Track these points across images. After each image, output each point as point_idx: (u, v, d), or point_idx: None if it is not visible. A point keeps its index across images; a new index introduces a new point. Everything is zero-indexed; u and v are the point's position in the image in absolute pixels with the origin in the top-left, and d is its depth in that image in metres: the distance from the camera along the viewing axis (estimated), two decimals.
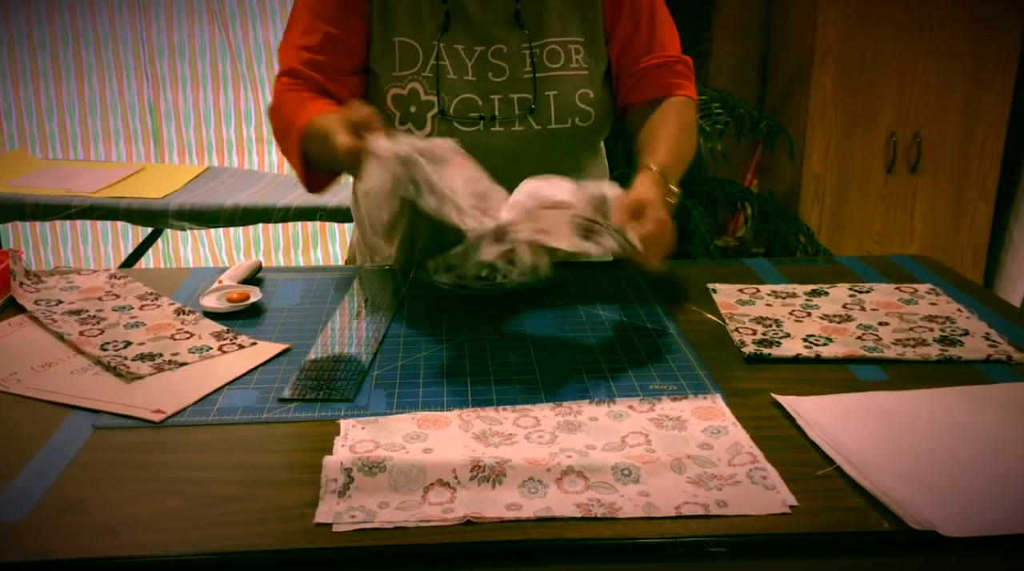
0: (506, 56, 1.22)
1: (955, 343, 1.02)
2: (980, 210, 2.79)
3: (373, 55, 1.23)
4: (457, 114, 1.22)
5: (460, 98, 1.22)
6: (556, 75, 1.23)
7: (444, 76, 1.21)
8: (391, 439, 0.82)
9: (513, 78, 1.22)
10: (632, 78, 1.27)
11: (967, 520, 0.69)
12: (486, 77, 1.22)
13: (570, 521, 0.70)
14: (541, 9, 1.22)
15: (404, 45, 1.21)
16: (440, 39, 1.20)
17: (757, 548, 0.69)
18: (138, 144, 3.04)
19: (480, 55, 1.21)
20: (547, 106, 1.22)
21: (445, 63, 1.21)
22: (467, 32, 1.21)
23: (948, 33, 2.62)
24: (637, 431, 0.84)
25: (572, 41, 1.23)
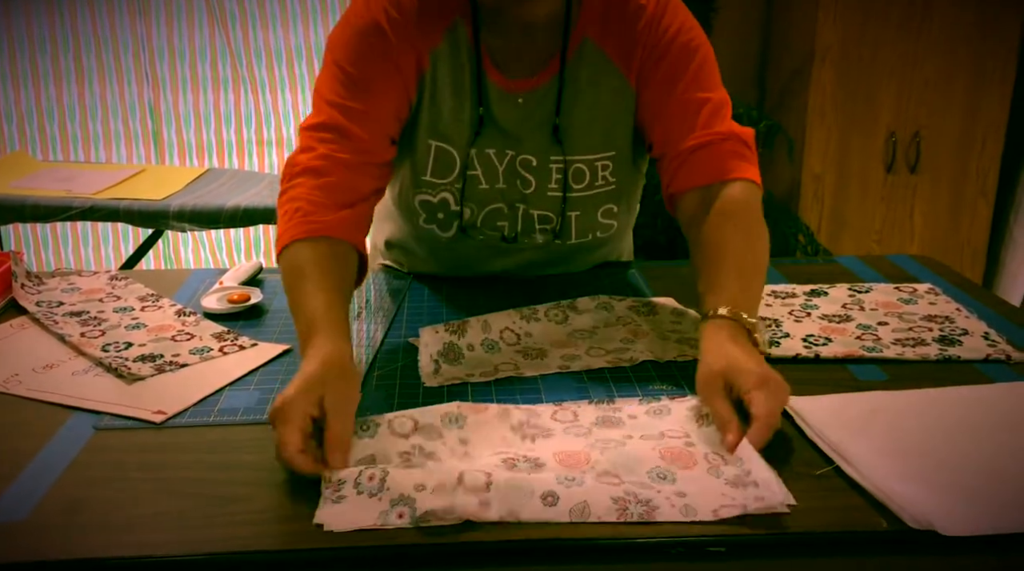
0: (535, 169, 1.14)
1: (954, 343, 1.02)
2: (980, 209, 2.79)
3: (406, 152, 1.14)
4: (483, 225, 1.17)
5: (488, 210, 1.16)
6: (579, 196, 1.15)
7: (474, 186, 1.14)
8: (430, 419, 0.82)
9: (539, 193, 1.15)
10: (673, 165, 1.09)
11: (966, 519, 0.69)
12: (515, 184, 1.15)
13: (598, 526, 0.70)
14: (575, 123, 1.12)
15: (440, 151, 1.12)
16: (474, 144, 1.12)
17: (756, 548, 0.69)
18: (139, 146, 3.04)
19: (510, 160, 1.14)
20: (569, 226, 1.17)
21: (476, 173, 1.13)
22: (499, 136, 1.13)
23: (948, 32, 2.62)
24: (676, 427, 0.84)
25: (600, 158, 1.14)
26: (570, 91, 1.11)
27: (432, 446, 0.80)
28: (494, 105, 1.11)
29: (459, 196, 1.14)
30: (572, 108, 1.12)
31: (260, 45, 2.96)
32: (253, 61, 2.98)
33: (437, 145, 1.12)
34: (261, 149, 3.08)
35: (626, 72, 1.11)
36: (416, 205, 1.16)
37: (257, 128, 3.06)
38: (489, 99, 1.11)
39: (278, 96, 3.03)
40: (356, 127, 1.04)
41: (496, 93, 1.11)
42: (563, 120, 1.12)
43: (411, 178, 1.15)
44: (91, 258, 3.11)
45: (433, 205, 1.15)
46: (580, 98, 1.12)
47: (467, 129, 1.12)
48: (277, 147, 3.08)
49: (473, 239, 1.19)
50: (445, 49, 1.09)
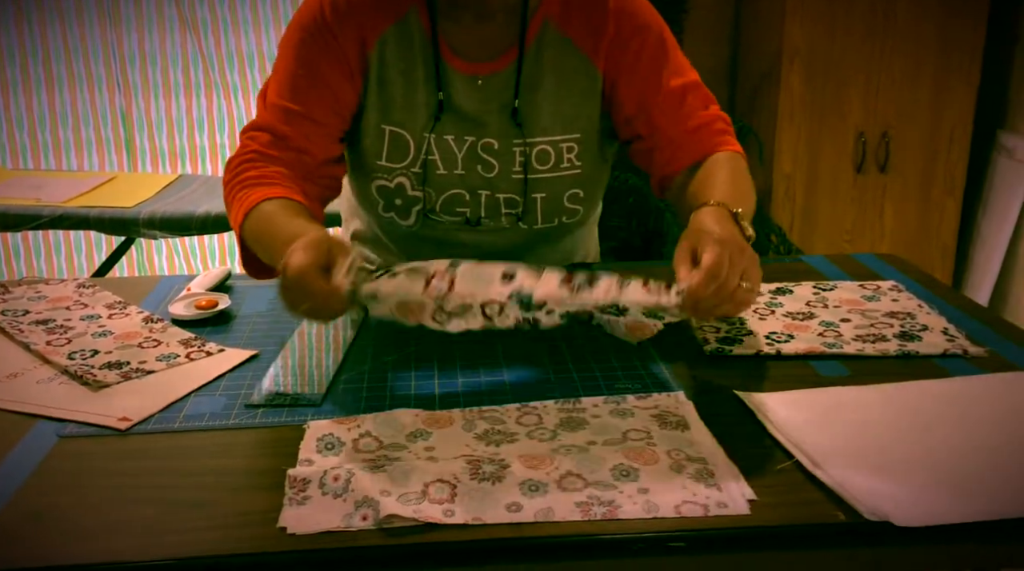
0: (496, 152, 1.14)
1: (914, 338, 1.04)
2: (948, 206, 2.83)
3: (359, 139, 1.15)
4: (443, 210, 1.17)
5: (447, 194, 1.16)
6: (544, 177, 1.15)
7: (433, 172, 1.14)
8: (395, 438, 0.83)
9: (502, 176, 1.15)
10: (668, 149, 1.14)
11: (921, 510, 0.71)
12: (475, 170, 1.15)
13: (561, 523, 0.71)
14: (537, 106, 1.13)
15: (395, 136, 1.13)
16: (432, 130, 1.13)
17: (716, 542, 0.70)
18: (111, 153, 3.03)
19: (471, 146, 1.14)
20: (534, 208, 1.17)
21: (435, 158, 1.14)
22: (459, 122, 1.13)
23: (913, 32, 2.66)
24: (639, 428, 0.84)
25: (566, 139, 1.15)
26: (530, 74, 1.12)
27: (397, 454, 0.80)
28: (454, 89, 1.12)
29: (416, 180, 1.14)
30: (534, 91, 1.13)
31: (232, 50, 2.96)
32: (225, 66, 2.97)
33: (391, 130, 1.13)
34: None
35: (592, 56, 1.12)
36: (373, 192, 1.17)
37: (231, 133, 3.05)
38: (448, 84, 1.12)
39: (251, 101, 3.02)
40: (292, 129, 1.09)
41: (456, 77, 1.12)
42: (523, 103, 1.13)
43: (367, 164, 1.16)
44: (63, 267, 3.08)
45: (390, 190, 1.16)
46: (541, 81, 1.13)
47: (423, 114, 1.13)
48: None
49: (435, 226, 1.19)
50: (393, 36, 1.11)
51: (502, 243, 1.23)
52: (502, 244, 1.23)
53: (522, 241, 1.24)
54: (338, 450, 0.81)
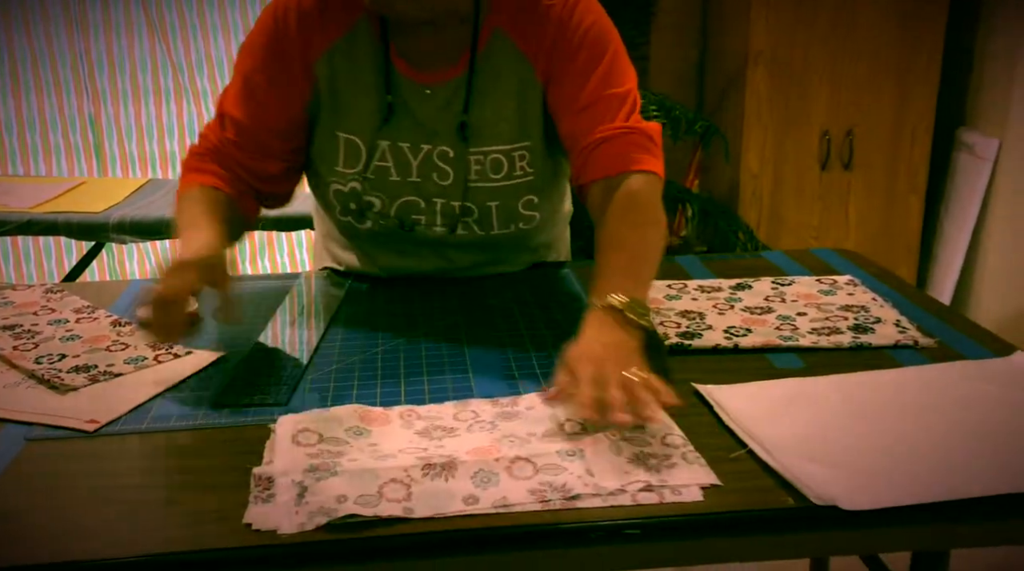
0: (451, 160, 1.16)
1: (867, 330, 1.07)
2: (912, 203, 2.88)
3: (316, 146, 1.18)
4: (397, 216, 1.19)
5: (402, 201, 1.18)
6: (499, 186, 1.16)
7: (385, 178, 1.16)
8: (334, 432, 0.84)
9: (456, 184, 1.16)
10: (579, 159, 1.13)
11: (867, 494, 0.73)
12: (431, 178, 1.16)
13: (520, 513, 0.73)
14: (487, 115, 1.14)
15: (348, 142, 1.15)
16: (381, 134, 1.14)
17: (670, 529, 0.73)
18: (80, 159, 3.01)
19: (426, 155, 1.16)
20: (489, 215, 1.19)
21: (388, 164, 1.16)
22: (413, 129, 1.15)
23: (875, 33, 2.71)
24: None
25: (517, 148, 1.16)
26: (480, 84, 1.13)
27: (339, 448, 0.82)
28: (407, 97, 1.14)
29: (368, 186, 1.16)
30: (483, 100, 1.14)
31: (201, 55, 2.96)
32: (195, 71, 2.97)
33: (345, 137, 1.16)
34: None
35: (534, 63, 1.13)
36: (330, 196, 1.20)
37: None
38: (400, 91, 1.14)
39: None
40: (238, 145, 1.15)
41: (408, 86, 1.14)
42: (473, 113, 1.14)
43: (323, 169, 1.19)
44: (33, 273, 3.06)
45: (344, 194, 1.18)
46: (490, 90, 1.14)
47: (374, 119, 1.14)
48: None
49: (388, 231, 1.20)
50: (343, 45, 1.13)
51: (463, 245, 1.25)
52: (464, 246, 1.25)
53: (487, 251, 1.26)
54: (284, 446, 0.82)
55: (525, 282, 1.28)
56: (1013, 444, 0.81)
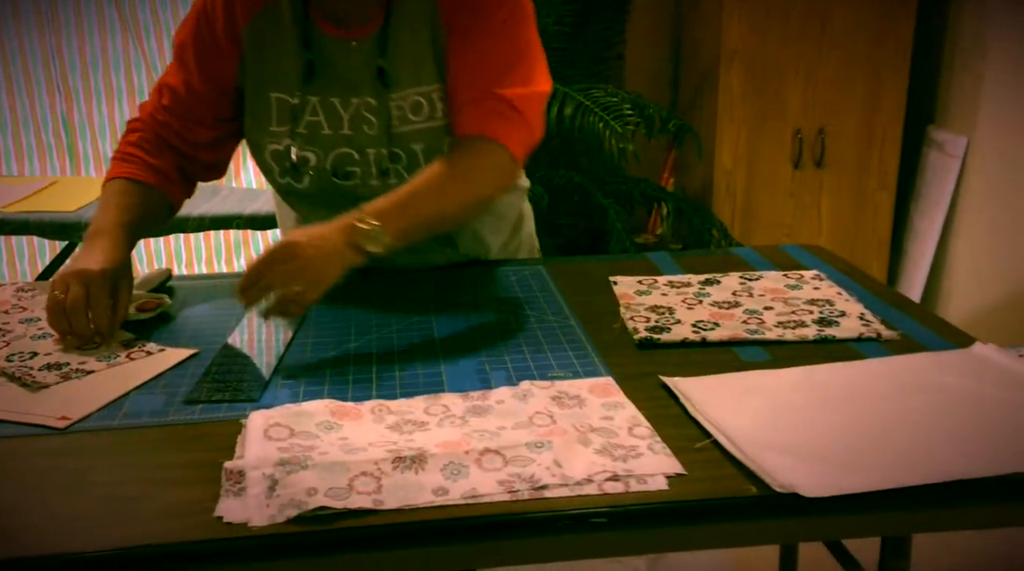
0: (375, 110, 1.19)
1: (832, 324, 1.09)
2: (882, 200, 2.92)
3: (248, 109, 1.22)
4: (333, 169, 1.22)
5: (336, 153, 1.21)
6: (422, 127, 1.19)
7: (319, 132, 1.20)
8: (305, 427, 0.85)
9: (383, 132, 1.20)
10: (453, 111, 1.18)
11: (827, 482, 0.75)
12: (361, 129, 1.20)
13: (489, 504, 0.74)
14: (402, 60, 1.18)
15: (279, 101, 1.20)
16: (308, 90, 1.19)
17: (635, 517, 0.74)
18: (52, 159, 2.99)
19: (356, 108, 1.19)
20: (416, 159, 1.20)
21: (319, 119, 1.20)
22: (338, 84, 1.20)
23: (846, 33, 2.75)
24: (541, 411, 0.88)
25: (433, 90, 1.19)
26: (395, 30, 1.18)
27: (309, 442, 0.82)
28: (329, 53, 1.19)
29: (302, 141, 1.21)
30: (399, 46, 1.18)
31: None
32: None
33: (276, 96, 1.21)
34: None
35: (443, 13, 1.17)
36: (268, 159, 1.23)
37: None
38: (322, 47, 1.19)
39: None
40: (173, 110, 1.22)
41: (329, 42, 1.19)
42: (390, 59, 1.18)
43: (259, 133, 1.23)
44: (5, 273, 3.04)
45: (281, 154, 1.22)
46: (406, 36, 1.18)
47: (297, 76, 1.20)
48: None
49: (326, 187, 1.23)
50: (268, 12, 1.19)
51: None
52: None
53: None
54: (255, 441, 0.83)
55: (498, 278, 1.29)
56: (970, 432, 0.83)
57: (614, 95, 2.49)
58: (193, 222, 2.16)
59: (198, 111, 1.23)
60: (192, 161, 1.26)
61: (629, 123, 2.37)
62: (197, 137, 1.24)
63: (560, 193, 2.78)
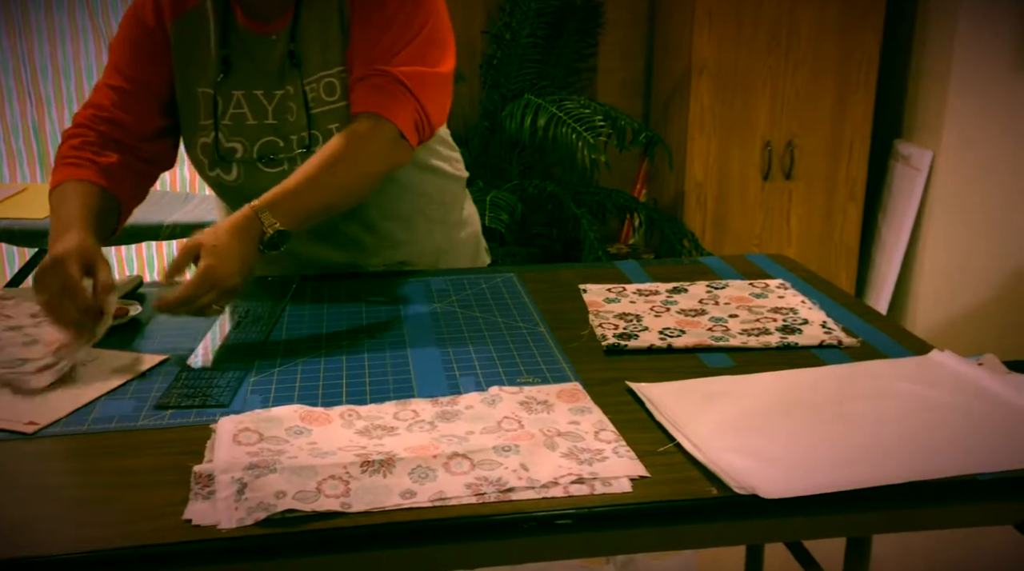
0: (293, 97, 1.23)
1: (795, 331, 1.11)
2: (850, 211, 2.97)
3: (179, 104, 1.27)
4: (260, 157, 1.25)
5: (262, 142, 1.24)
6: (335, 107, 1.22)
7: (243, 123, 1.24)
8: (274, 432, 0.86)
9: (302, 116, 1.23)
10: (349, 87, 1.21)
11: (786, 483, 0.77)
12: (285, 118, 1.24)
13: (456, 507, 0.75)
14: (311, 45, 1.23)
15: (204, 95, 1.25)
16: (230, 84, 1.23)
17: (600, 519, 0.76)
18: (23, 166, 2.96)
19: (280, 99, 1.23)
20: (331, 137, 1.19)
21: (244, 110, 1.24)
22: (260, 77, 1.24)
23: (814, 47, 2.80)
24: (509, 416, 0.90)
25: (342, 71, 1.22)
26: (305, 17, 1.22)
27: (279, 447, 0.83)
28: (249, 48, 1.24)
29: (228, 132, 1.24)
30: (306, 32, 1.22)
31: None
32: None
33: (201, 91, 1.25)
34: None
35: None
36: (199, 153, 1.27)
37: None
38: (243, 43, 1.24)
39: None
40: (113, 104, 1.24)
41: (251, 38, 1.24)
42: (299, 44, 1.22)
43: (189, 128, 1.27)
44: None
45: (210, 146, 1.25)
46: (313, 22, 1.22)
47: (215, 69, 1.24)
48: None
49: (257, 178, 1.24)
50: (194, 11, 1.25)
51: None
52: None
53: None
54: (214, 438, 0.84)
55: (469, 285, 1.31)
56: (926, 435, 0.86)
57: (587, 106, 2.52)
58: (166, 230, 2.16)
59: (141, 103, 1.25)
60: (136, 154, 1.26)
61: (601, 134, 2.39)
62: (142, 128, 1.26)
63: (534, 203, 2.80)
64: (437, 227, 1.41)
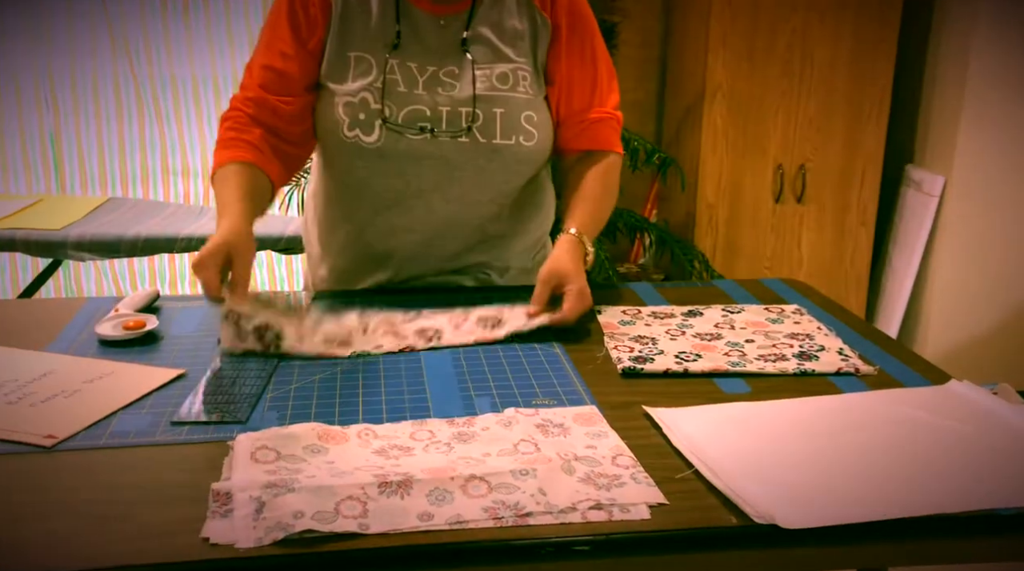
0: (457, 76, 1.30)
1: (811, 358, 1.11)
2: (861, 236, 2.97)
3: (326, 67, 1.30)
4: (405, 123, 1.28)
5: (408, 109, 1.28)
6: (504, 95, 1.30)
7: (393, 88, 1.28)
8: (292, 450, 0.86)
9: (462, 93, 1.29)
10: (575, 128, 1.36)
11: (806, 513, 0.77)
12: (436, 91, 1.29)
13: (474, 530, 0.75)
14: (492, 37, 1.31)
15: (358, 58, 1.29)
16: (391, 55, 1.28)
17: (618, 546, 0.75)
18: (39, 176, 2.99)
19: (432, 74, 1.30)
20: (493, 122, 1.29)
21: (396, 77, 1.28)
22: (420, 52, 1.30)
23: (826, 73, 2.81)
24: (526, 438, 0.89)
25: (521, 67, 1.31)
26: (486, 14, 1.31)
27: (296, 465, 0.83)
28: (416, 24, 1.30)
29: (377, 95, 1.28)
30: (485, 25, 1.31)
31: (165, 74, 2.96)
32: (158, 90, 2.97)
33: (356, 54, 1.29)
34: (166, 178, 3.06)
35: (543, 11, 1.33)
36: (339, 112, 1.29)
37: (162, 157, 3.04)
38: (411, 21, 1.30)
39: (183, 125, 3.02)
40: (270, 88, 1.29)
41: (419, 15, 1.31)
42: (474, 34, 1.31)
43: (334, 87, 1.30)
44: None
45: (355, 106, 1.28)
46: (494, 17, 1.31)
47: (383, 43, 1.29)
48: (183, 176, 3.07)
49: (397, 140, 1.27)
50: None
51: (460, 157, 1.30)
52: (460, 157, 1.30)
53: (481, 156, 1.30)
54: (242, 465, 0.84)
55: (484, 305, 1.30)
56: (944, 468, 0.85)
57: None
58: (180, 242, 2.16)
59: (290, 81, 1.29)
60: (283, 137, 1.30)
61: None
62: (289, 108, 1.30)
63: None
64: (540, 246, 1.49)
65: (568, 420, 0.94)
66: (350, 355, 1.11)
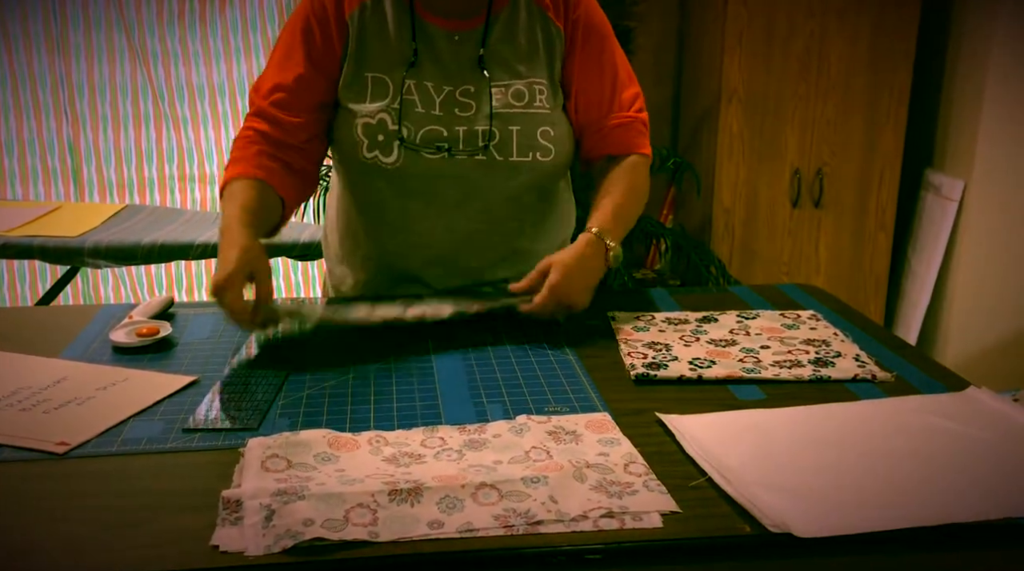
0: (474, 95, 1.29)
1: (828, 364, 1.10)
2: (880, 241, 2.94)
3: (343, 88, 1.30)
4: (422, 143, 1.28)
5: (426, 129, 1.28)
6: (520, 112, 1.29)
7: (411, 109, 1.28)
8: (302, 458, 0.85)
9: (479, 113, 1.29)
10: (595, 135, 1.36)
11: (821, 522, 0.76)
12: (452, 112, 1.29)
13: (484, 538, 0.74)
14: (507, 54, 1.30)
15: (376, 79, 1.29)
16: (408, 75, 1.28)
17: (630, 554, 0.74)
18: (57, 183, 3.01)
19: (448, 94, 1.29)
20: (510, 140, 1.29)
21: (413, 98, 1.28)
22: (437, 71, 1.29)
23: (845, 74, 2.79)
24: (537, 445, 0.89)
25: (536, 82, 1.31)
26: (501, 29, 1.31)
27: (307, 473, 0.83)
28: (432, 42, 1.30)
29: (394, 116, 1.27)
30: (502, 41, 1.30)
31: (183, 82, 2.98)
32: (175, 98, 2.99)
33: (373, 75, 1.29)
34: (183, 186, 3.08)
35: (557, 21, 1.32)
36: (358, 133, 1.29)
37: (179, 164, 3.06)
38: (426, 38, 1.30)
39: (200, 132, 3.04)
40: (284, 106, 1.29)
41: (434, 31, 1.30)
42: (493, 52, 1.30)
43: (352, 108, 1.30)
44: (6, 296, 3.05)
45: (373, 127, 1.28)
46: (511, 34, 1.31)
47: (399, 61, 1.29)
48: (200, 183, 3.09)
49: (416, 161, 1.28)
50: (371, 4, 1.30)
51: (478, 175, 1.30)
52: (478, 175, 1.30)
53: (499, 174, 1.30)
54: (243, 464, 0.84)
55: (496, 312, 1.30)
56: (962, 476, 0.84)
57: None
58: (196, 249, 2.17)
59: (301, 100, 1.29)
60: (293, 153, 1.30)
61: None
62: (300, 127, 1.29)
63: None
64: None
65: (580, 427, 0.93)
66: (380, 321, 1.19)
